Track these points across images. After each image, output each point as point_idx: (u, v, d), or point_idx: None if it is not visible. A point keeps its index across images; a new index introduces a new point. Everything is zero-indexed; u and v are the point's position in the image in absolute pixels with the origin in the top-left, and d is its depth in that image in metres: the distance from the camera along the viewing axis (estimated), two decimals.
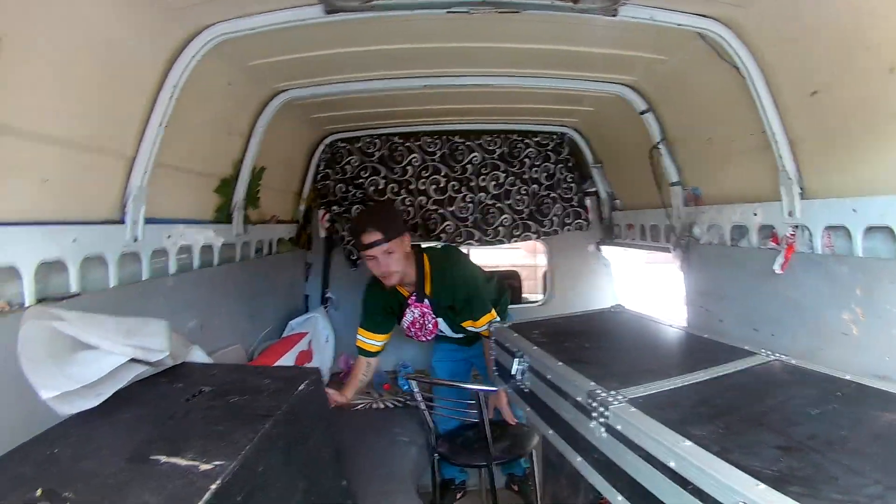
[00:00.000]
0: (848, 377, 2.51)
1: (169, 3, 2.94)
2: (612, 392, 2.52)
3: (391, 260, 4.45)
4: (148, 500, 1.52)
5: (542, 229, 7.06)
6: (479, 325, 4.83)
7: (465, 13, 3.17)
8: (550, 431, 3.09)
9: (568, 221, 7.16)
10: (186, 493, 1.55)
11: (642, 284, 8.33)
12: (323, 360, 6.25)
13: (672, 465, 1.97)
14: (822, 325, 3.15)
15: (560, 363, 3.06)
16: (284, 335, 5.88)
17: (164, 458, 1.74)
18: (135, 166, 3.26)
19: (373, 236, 4.33)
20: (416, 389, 4.83)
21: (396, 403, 6.03)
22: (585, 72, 4.66)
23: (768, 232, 3.69)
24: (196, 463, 1.69)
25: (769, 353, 2.95)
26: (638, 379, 2.72)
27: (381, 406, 5.99)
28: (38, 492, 1.58)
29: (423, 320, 4.94)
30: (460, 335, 5.15)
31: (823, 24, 2.75)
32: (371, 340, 4.92)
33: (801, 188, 3.32)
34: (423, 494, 4.97)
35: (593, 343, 3.72)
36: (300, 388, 2.33)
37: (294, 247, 6.67)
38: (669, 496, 1.99)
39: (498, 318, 4.77)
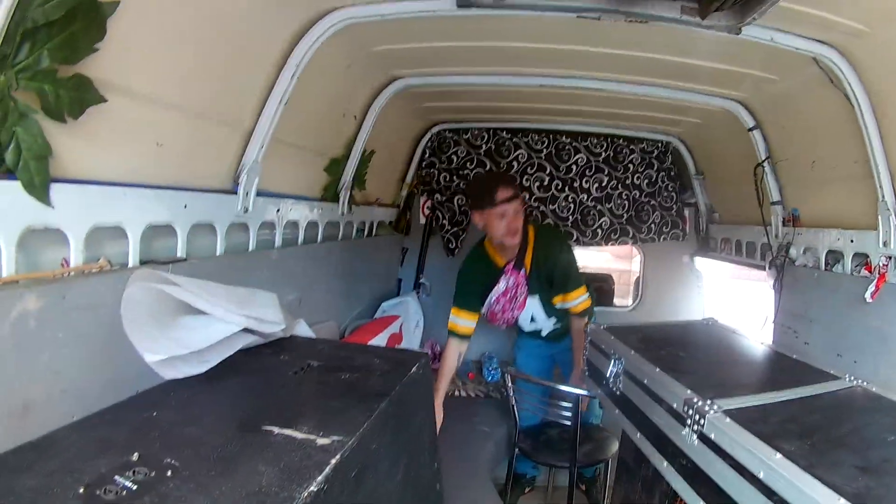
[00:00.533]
0: None
1: None
2: (708, 402, 2.56)
3: (519, 219, 4.54)
4: (264, 471, 1.47)
5: (640, 235, 7.06)
6: (572, 297, 4.88)
7: (594, 18, 3.20)
8: (638, 435, 3.17)
9: (665, 230, 7.13)
10: (304, 466, 1.50)
11: (728, 298, 8.25)
12: (411, 344, 6.28)
13: (761, 475, 2.05)
14: None
15: (658, 370, 3.11)
16: (376, 316, 5.96)
17: (277, 430, 1.70)
18: (252, 139, 3.34)
19: (508, 192, 4.43)
20: (509, 383, 4.87)
21: (479, 393, 6.10)
22: (696, 83, 4.67)
23: (862, 260, 3.68)
24: (313, 437, 1.65)
25: (852, 378, 2.93)
26: (730, 391, 2.75)
27: (465, 395, 6.07)
28: (135, 456, 1.50)
29: (515, 292, 4.94)
30: (545, 321, 5.14)
31: None
32: (464, 321, 4.90)
33: None
34: (494, 485, 5.06)
35: (688, 353, 3.73)
36: (412, 370, 2.34)
37: (393, 231, 6.74)
38: None
39: (587, 294, 4.89)
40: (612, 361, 3.54)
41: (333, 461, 1.53)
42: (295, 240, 4.23)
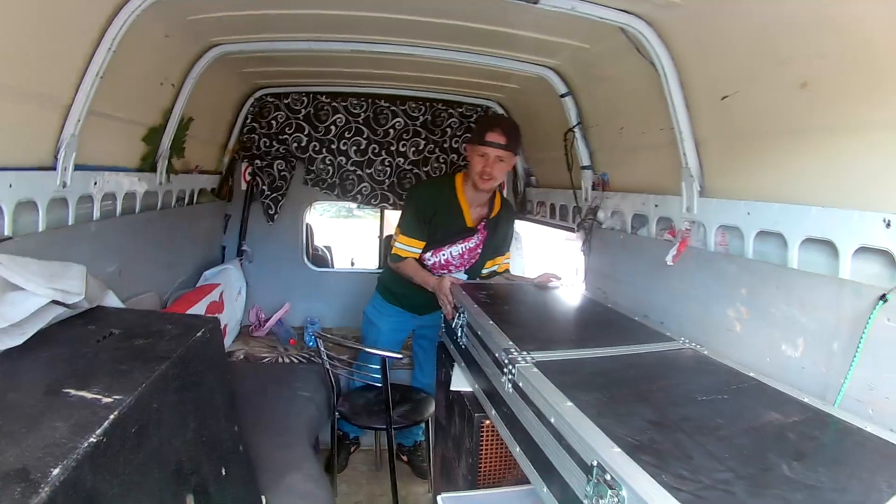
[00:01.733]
0: (752, 374, 2.66)
1: None
2: (524, 353, 2.74)
3: (499, 168, 4.62)
4: (59, 426, 1.66)
5: None
6: (500, 261, 5.28)
7: None
8: (476, 386, 3.34)
9: None
10: (89, 422, 1.70)
11: (555, 260, 8.48)
12: (234, 311, 6.33)
13: (552, 420, 2.20)
14: (707, 319, 3.31)
15: (491, 322, 3.28)
16: (199, 285, 5.92)
17: (73, 392, 1.88)
18: (69, 115, 3.31)
19: (500, 139, 4.50)
20: (322, 347, 4.94)
21: (301, 359, 6.17)
22: (512, 51, 4.79)
23: (667, 224, 3.86)
24: (100, 396, 1.85)
25: (686, 340, 3.14)
26: (553, 345, 2.95)
27: (286, 361, 6.13)
28: None
29: (476, 251, 5.06)
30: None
31: (741, 33, 2.88)
32: (414, 248, 4.89)
33: (701, 186, 3.48)
34: (321, 451, 5.20)
35: (527, 309, 4.00)
36: (197, 334, 2.48)
37: (215, 198, 6.68)
38: (550, 449, 2.21)
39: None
40: (459, 315, 3.74)
41: (112, 416, 1.74)
42: (114, 211, 4.19)
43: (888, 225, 2.30)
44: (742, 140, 3.19)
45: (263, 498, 3.14)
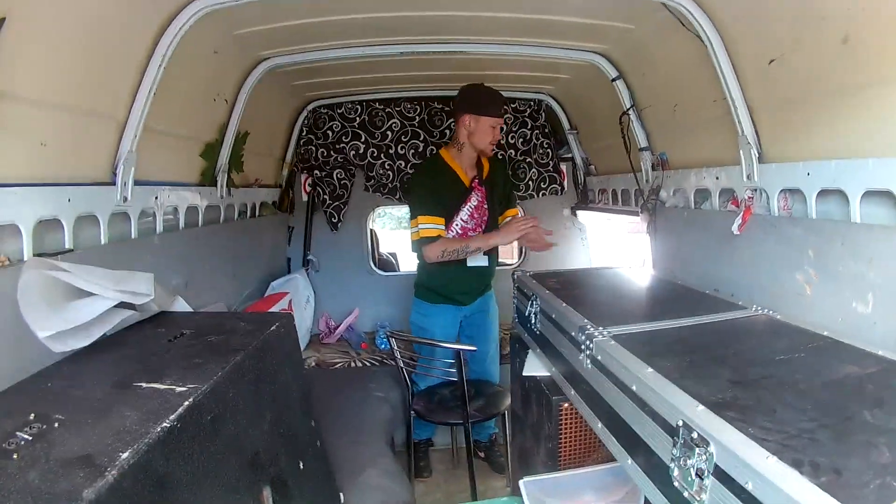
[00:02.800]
0: (826, 333, 2.61)
1: None
2: (600, 328, 2.74)
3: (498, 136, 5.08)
4: (129, 415, 1.68)
5: (518, 193, 7.12)
6: (511, 213, 5.52)
7: None
8: (553, 369, 3.37)
9: (543, 186, 7.32)
10: (162, 409, 1.71)
11: (621, 251, 8.42)
12: (303, 320, 6.34)
13: (634, 388, 2.21)
14: (777, 286, 3.26)
15: (564, 304, 3.30)
16: (266, 295, 5.97)
17: (144, 384, 1.90)
18: (125, 131, 3.36)
19: (505, 111, 5.07)
20: (395, 346, 4.93)
21: (373, 362, 6.19)
22: (559, 39, 4.78)
23: (729, 195, 3.82)
24: (173, 387, 1.86)
25: (758, 307, 3.10)
26: (627, 320, 2.94)
27: (359, 364, 6.14)
28: (32, 416, 1.71)
29: (483, 206, 5.25)
30: (483, 257, 5.23)
31: None
32: (437, 226, 4.96)
33: (759, 152, 3.43)
34: (398, 453, 5.14)
35: (599, 293, 4.01)
36: (272, 328, 2.51)
37: (277, 210, 6.73)
38: (632, 418, 2.22)
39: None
40: (531, 302, 3.76)
41: (186, 403, 1.77)
42: (177, 225, 4.24)
43: None
44: (793, 102, 3.14)
45: (342, 495, 3.15)
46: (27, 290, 2.30)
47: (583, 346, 2.76)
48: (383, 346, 6.42)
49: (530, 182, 7.31)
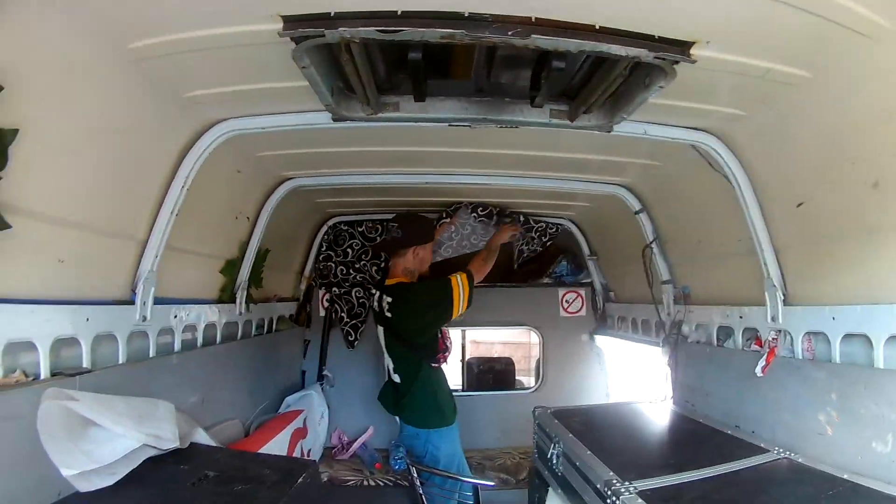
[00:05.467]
0: (846, 476, 2.69)
1: (184, 98, 3.09)
2: (626, 483, 2.77)
3: None
4: None
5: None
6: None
7: (466, 126, 3.33)
8: None
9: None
10: None
11: (636, 367, 8.43)
12: (317, 436, 6.28)
13: None
14: (800, 425, 3.24)
15: (588, 452, 3.31)
16: (281, 411, 5.91)
17: None
18: (146, 250, 3.38)
19: None
20: (415, 474, 4.87)
21: (387, 482, 6.05)
22: (582, 174, 4.83)
23: (752, 334, 3.79)
24: None
25: (780, 450, 3.15)
26: (652, 472, 2.96)
27: (372, 484, 6.02)
28: None
29: None
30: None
31: (810, 138, 2.91)
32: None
33: (784, 294, 3.43)
34: None
35: (621, 436, 4.01)
36: (299, 480, 2.45)
37: (294, 324, 6.70)
38: None
39: None
40: (553, 444, 3.74)
41: None
42: (195, 343, 4.20)
43: None
44: (820, 244, 3.16)
45: None
46: (47, 421, 2.28)
47: (608, 501, 2.77)
48: (397, 466, 6.31)
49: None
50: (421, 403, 5.11)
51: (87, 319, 2.93)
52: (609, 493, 2.78)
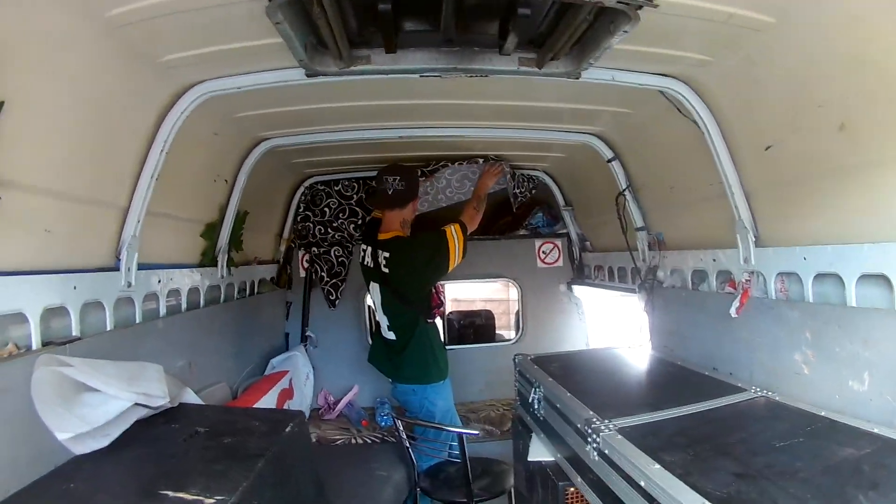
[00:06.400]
0: (823, 413, 2.74)
1: (160, 63, 3.11)
2: (606, 421, 2.83)
3: None
4: None
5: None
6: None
7: (436, 76, 3.37)
8: (559, 455, 3.41)
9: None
10: None
11: (614, 316, 8.51)
12: (303, 397, 6.32)
13: (642, 484, 2.29)
14: (776, 366, 3.30)
15: (568, 394, 3.37)
16: (266, 373, 5.96)
17: (171, 493, 1.88)
18: (128, 216, 3.42)
19: None
20: (401, 427, 4.94)
21: (374, 439, 6.14)
22: (554, 123, 4.87)
23: (726, 277, 3.85)
24: (201, 498, 1.84)
25: (757, 389, 3.21)
26: (631, 410, 3.02)
27: (360, 441, 6.10)
28: None
29: None
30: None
31: (778, 82, 2.95)
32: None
33: (756, 236, 3.49)
34: None
35: (601, 378, 4.06)
36: (287, 430, 2.50)
37: (275, 286, 6.74)
38: None
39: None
40: (534, 389, 3.81)
41: None
42: (179, 308, 4.27)
43: None
44: (790, 187, 3.21)
45: None
46: (40, 387, 2.33)
47: (590, 439, 2.83)
48: (384, 423, 6.42)
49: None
50: (418, 359, 5.18)
51: (75, 287, 2.97)
52: (590, 430, 2.85)
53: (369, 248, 5.37)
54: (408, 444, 4.99)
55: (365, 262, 5.45)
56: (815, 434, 2.56)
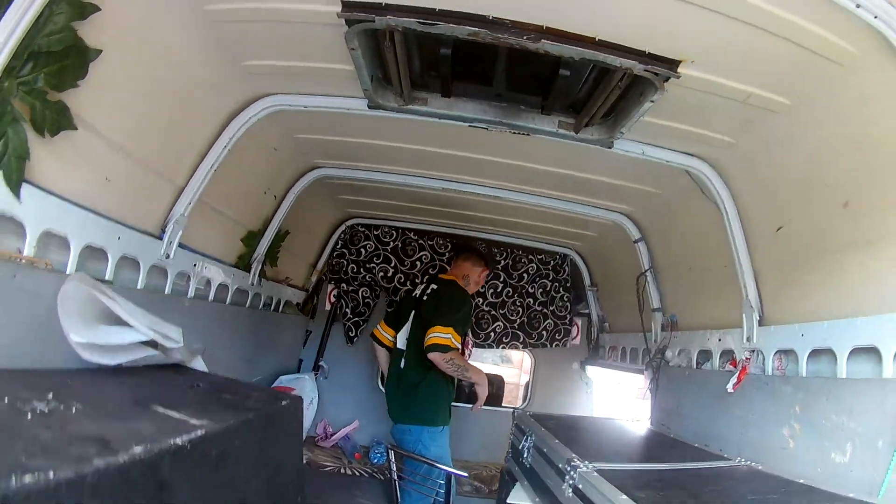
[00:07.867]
0: (801, 481, 2.81)
1: (241, 66, 3.40)
2: (586, 462, 2.90)
3: None
4: (145, 426, 1.76)
5: (530, 340, 7.40)
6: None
7: (483, 128, 3.67)
8: (537, 500, 3.50)
9: (558, 337, 7.45)
10: (176, 430, 1.78)
11: (626, 410, 8.56)
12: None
13: None
14: (764, 441, 3.38)
15: (556, 440, 3.47)
16: (273, 386, 6.11)
17: (161, 409, 1.97)
18: (182, 195, 3.62)
19: None
20: (392, 459, 4.97)
21: (364, 473, 6.21)
22: (588, 197, 5.07)
23: (729, 356, 3.95)
24: (188, 418, 1.93)
25: (742, 459, 3.31)
26: (614, 459, 3.18)
27: (349, 472, 6.18)
28: (50, 395, 1.78)
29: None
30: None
31: (792, 163, 3.17)
32: (459, 344, 5.00)
33: (760, 315, 3.61)
34: None
35: (593, 435, 4.21)
36: (283, 403, 2.64)
37: (299, 312, 6.89)
38: None
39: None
40: (526, 437, 3.91)
41: (200, 432, 1.83)
42: (206, 296, 4.41)
43: None
44: (794, 265, 3.35)
45: None
46: (68, 298, 2.46)
47: (566, 477, 2.93)
48: (376, 460, 6.49)
49: (544, 332, 7.44)
50: (425, 398, 5.20)
51: (119, 238, 3.13)
52: (568, 468, 2.93)
53: (424, 285, 5.52)
54: (395, 477, 5.03)
55: (413, 294, 5.58)
56: (790, 493, 2.65)
